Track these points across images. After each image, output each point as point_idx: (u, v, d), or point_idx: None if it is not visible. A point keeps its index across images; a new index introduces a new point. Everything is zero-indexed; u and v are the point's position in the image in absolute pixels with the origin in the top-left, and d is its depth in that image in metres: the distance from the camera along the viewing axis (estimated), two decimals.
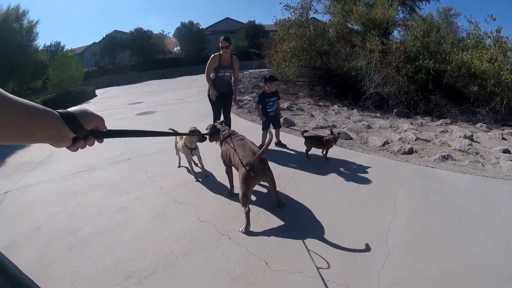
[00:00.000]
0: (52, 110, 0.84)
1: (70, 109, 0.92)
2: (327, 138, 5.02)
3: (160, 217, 3.70)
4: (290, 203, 3.83)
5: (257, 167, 3.32)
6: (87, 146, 1.03)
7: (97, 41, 44.42)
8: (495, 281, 2.43)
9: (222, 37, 5.62)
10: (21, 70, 13.56)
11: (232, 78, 5.96)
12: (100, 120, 1.03)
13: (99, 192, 4.55)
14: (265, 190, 4.24)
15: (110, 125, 1.04)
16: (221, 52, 5.61)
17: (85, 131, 0.96)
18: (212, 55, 5.70)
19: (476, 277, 2.48)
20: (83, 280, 2.71)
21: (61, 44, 34.42)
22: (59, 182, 5.07)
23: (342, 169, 4.82)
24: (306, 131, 5.60)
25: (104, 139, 1.08)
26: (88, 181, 4.98)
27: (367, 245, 2.94)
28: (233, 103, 6.18)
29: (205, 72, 5.72)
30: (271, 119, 5.76)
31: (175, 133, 1.46)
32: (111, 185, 4.75)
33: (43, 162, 6.32)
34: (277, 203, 3.74)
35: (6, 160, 6.79)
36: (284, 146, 5.96)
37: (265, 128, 5.76)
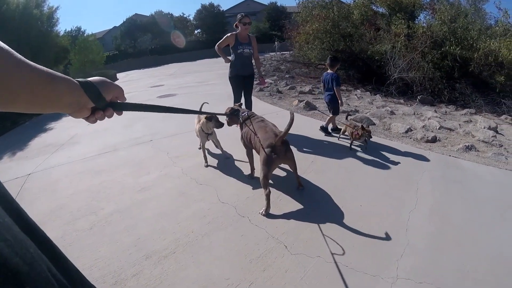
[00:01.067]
0: (71, 78, 0.83)
1: (90, 79, 0.91)
2: (355, 132, 4.86)
3: (181, 198, 3.74)
4: (310, 187, 3.81)
5: (279, 149, 3.28)
6: (106, 118, 1.00)
7: (117, 25, 45.00)
8: None
9: (243, 13, 5.50)
10: (43, 56, 13.78)
11: (252, 57, 5.75)
12: (120, 90, 1.02)
13: (121, 172, 4.62)
14: (285, 173, 4.22)
15: None
16: (238, 30, 5.44)
17: (104, 102, 0.94)
18: (228, 33, 5.54)
19: (497, 273, 2.42)
20: (103, 259, 2.76)
21: (82, 29, 34.60)
22: (82, 163, 5.17)
23: (363, 155, 4.75)
24: (350, 114, 5.52)
25: (124, 112, 1.05)
26: (110, 162, 5.07)
27: (387, 233, 2.90)
28: (258, 81, 6.08)
29: (217, 44, 5.50)
30: None
31: (192, 111, 1.41)
32: (133, 166, 4.82)
33: (66, 144, 6.45)
34: (298, 186, 3.73)
35: (30, 143, 6.94)
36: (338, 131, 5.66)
37: (337, 112, 5.61)
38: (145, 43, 41.67)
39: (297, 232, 2.97)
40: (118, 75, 24.28)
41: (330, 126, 5.84)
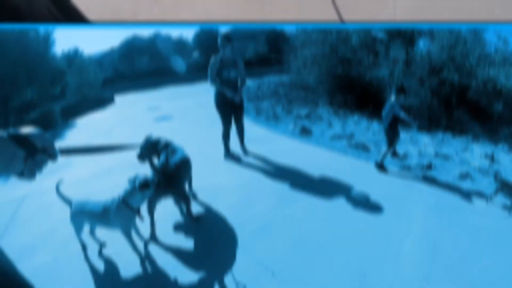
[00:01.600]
0: None
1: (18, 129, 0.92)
2: None
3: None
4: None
5: None
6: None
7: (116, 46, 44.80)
8: None
9: (224, 33, 5.00)
10: (39, 78, 14.14)
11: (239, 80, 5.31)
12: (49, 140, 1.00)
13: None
14: None
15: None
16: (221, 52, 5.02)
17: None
18: (212, 56, 5.12)
19: None
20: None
21: (79, 50, 34.13)
22: (77, 186, 5.06)
23: (356, 180, 4.61)
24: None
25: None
26: (105, 185, 4.96)
27: (377, 260, 2.86)
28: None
29: (209, 78, 5.07)
30: None
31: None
32: None
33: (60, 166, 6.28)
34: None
35: None
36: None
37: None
38: (143, 65, 41.35)
39: None
40: (116, 97, 23.76)
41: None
